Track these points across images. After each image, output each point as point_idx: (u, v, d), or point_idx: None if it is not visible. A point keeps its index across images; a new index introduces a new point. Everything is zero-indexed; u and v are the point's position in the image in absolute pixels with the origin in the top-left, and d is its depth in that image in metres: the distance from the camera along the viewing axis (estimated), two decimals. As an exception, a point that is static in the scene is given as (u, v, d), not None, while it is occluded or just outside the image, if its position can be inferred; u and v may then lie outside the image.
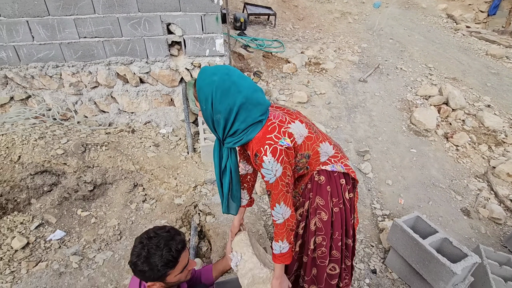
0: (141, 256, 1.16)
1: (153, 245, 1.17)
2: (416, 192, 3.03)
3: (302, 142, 1.22)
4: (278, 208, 1.20)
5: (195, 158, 3.02)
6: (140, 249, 1.17)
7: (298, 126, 1.22)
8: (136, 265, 1.17)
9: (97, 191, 2.74)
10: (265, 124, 1.16)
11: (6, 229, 2.36)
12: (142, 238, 1.21)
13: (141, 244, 1.19)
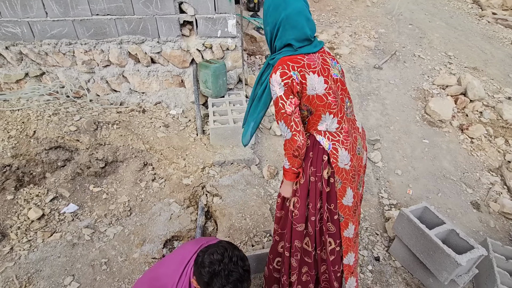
0: (220, 272, 1.09)
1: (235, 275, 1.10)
2: (425, 183, 2.98)
3: (311, 95, 1.28)
4: (280, 125, 1.30)
5: (204, 140, 3.04)
6: (221, 267, 1.10)
7: (317, 81, 1.26)
8: (214, 273, 1.09)
9: (108, 168, 2.81)
10: (295, 55, 1.25)
11: (23, 201, 2.47)
12: (225, 257, 1.11)
13: (221, 263, 1.10)
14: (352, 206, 1.48)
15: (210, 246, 1.18)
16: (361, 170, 1.54)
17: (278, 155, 3.13)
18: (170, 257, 1.43)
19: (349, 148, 1.39)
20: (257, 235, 2.25)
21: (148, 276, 1.39)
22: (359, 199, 1.61)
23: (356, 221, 1.57)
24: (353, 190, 1.45)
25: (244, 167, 2.88)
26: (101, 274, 2.06)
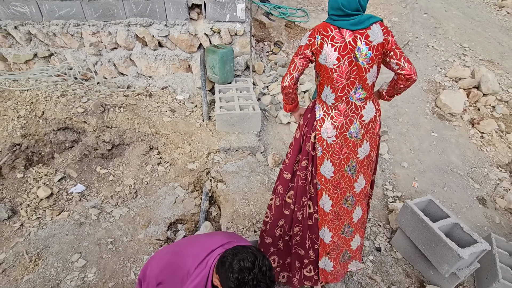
0: (249, 282, 1.09)
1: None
2: (431, 176, 2.95)
3: (321, 64, 1.42)
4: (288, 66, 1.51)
5: (209, 126, 3.04)
6: (251, 276, 1.09)
7: (330, 54, 1.37)
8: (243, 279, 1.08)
9: (115, 151, 2.84)
10: (330, 24, 1.38)
11: (32, 179, 2.53)
12: (255, 268, 1.10)
13: (251, 272, 1.09)
14: (331, 181, 1.60)
15: (239, 250, 1.15)
16: (351, 155, 1.57)
17: (283, 144, 3.12)
18: (196, 240, 1.42)
19: (337, 126, 1.51)
20: (259, 221, 2.27)
21: (171, 249, 1.38)
22: (349, 185, 1.64)
23: (337, 201, 1.65)
24: (334, 166, 1.57)
25: (249, 154, 2.88)
26: (107, 253, 2.12)
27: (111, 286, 1.92)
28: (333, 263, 1.75)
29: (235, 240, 1.38)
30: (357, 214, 1.73)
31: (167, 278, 1.28)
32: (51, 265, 2.00)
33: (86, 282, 1.93)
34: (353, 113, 1.50)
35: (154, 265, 1.34)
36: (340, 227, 1.72)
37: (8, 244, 2.13)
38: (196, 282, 1.21)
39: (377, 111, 1.57)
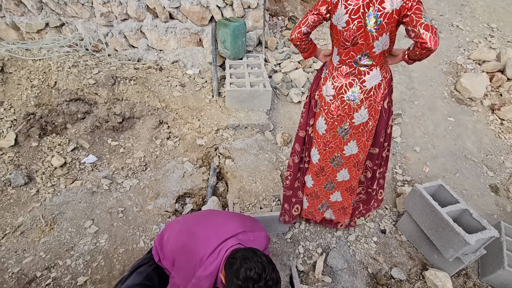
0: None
1: None
2: (444, 162, 2.88)
3: (333, 24, 1.44)
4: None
5: (219, 102, 3.01)
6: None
7: (341, 16, 1.37)
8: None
9: (125, 124, 2.87)
10: None
11: (46, 148, 2.60)
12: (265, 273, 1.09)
13: (256, 284, 1.07)
14: (322, 137, 1.72)
15: (250, 257, 1.11)
16: (345, 118, 1.62)
17: (293, 123, 3.07)
18: (212, 221, 1.40)
19: (336, 87, 1.57)
20: (266, 198, 2.29)
21: (188, 228, 1.38)
22: (338, 146, 1.73)
23: (324, 157, 1.78)
24: (326, 124, 1.67)
25: (257, 132, 2.86)
26: (117, 221, 2.20)
27: (121, 252, 2.01)
28: (308, 204, 2.04)
29: (250, 229, 1.36)
30: (342, 175, 1.84)
31: (181, 262, 1.31)
32: (66, 229, 2.10)
33: (98, 247, 2.02)
34: (354, 77, 1.52)
35: (171, 242, 1.37)
36: (323, 182, 1.90)
37: (26, 208, 2.24)
38: (208, 272, 1.22)
39: (383, 78, 1.52)
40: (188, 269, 1.26)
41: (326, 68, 1.62)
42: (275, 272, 1.12)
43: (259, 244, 1.36)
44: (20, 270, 1.86)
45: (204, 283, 1.22)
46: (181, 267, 1.30)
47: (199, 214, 1.55)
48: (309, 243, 2.16)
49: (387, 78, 1.55)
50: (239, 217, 1.47)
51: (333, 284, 1.96)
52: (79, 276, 1.86)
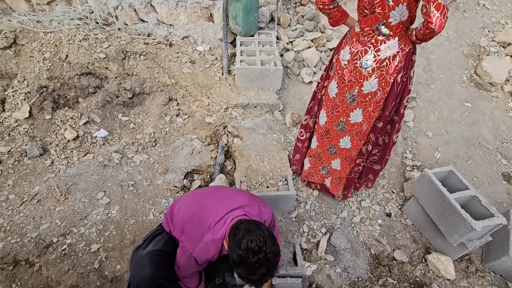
0: (251, 264, 1.12)
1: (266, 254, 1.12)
2: (456, 148, 2.81)
3: None
4: None
5: (229, 80, 2.98)
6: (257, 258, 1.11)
7: None
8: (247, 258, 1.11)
9: (135, 100, 2.89)
10: None
11: (59, 121, 2.66)
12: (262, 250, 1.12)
13: (256, 255, 1.11)
14: (332, 100, 1.78)
15: (252, 229, 1.14)
16: (355, 85, 1.65)
17: (303, 104, 3.03)
18: (221, 194, 1.46)
19: (352, 52, 1.59)
20: (273, 178, 2.31)
21: (198, 200, 1.45)
22: (345, 111, 1.77)
23: (331, 120, 1.86)
24: (338, 88, 1.72)
25: (267, 111, 2.84)
26: (128, 194, 2.27)
27: (132, 223, 2.09)
28: (310, 165, 2.17)
29: (257, 204, 1.40)
30: (344, 142, 1.91)
31: (191, 229, 1.39)
32: (79, 200, 2.19)
33: (110, 218, 2.11)
34: (370, 45, 1.52)
35: (181, 213, 1.45)
36: (326, 144, 2.01)
37: (41, 178, 2.33)
38: (214, 237, 1.28)
39: (400, 51, 1.49)
40: (197, 235, 1.33)
41: (348, 34, 1.66)
42: (276, 246, 1.16)
43: (265, 217, 1.40)
44: (38, 236, 1.97)
45: (211, 247, 1.29)
46: (190, 234, 1.37)
47: (208, 188, 1.60)
48: (314, 222, 2.20)
49: (405, 51, 1.50)
50: (246, 192, 1.52)
51: (335, 262, 2.01)
52: (93, 244, 1.96)
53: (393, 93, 1.62)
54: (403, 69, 1.55)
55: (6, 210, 2.11)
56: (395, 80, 1.57)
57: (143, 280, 1.36)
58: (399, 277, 1.98)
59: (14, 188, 2.25)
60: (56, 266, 1.86)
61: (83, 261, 1.89)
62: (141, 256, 1.43)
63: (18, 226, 2.02)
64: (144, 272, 1.37)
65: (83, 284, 1.82)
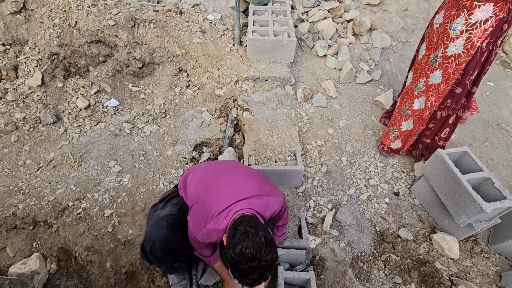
0: (244, 269, 1.11)
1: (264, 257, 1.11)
2: (473, 129, 2.72)
3: None
4: None
5: (240, 52, 2.89)
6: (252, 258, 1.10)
7: None
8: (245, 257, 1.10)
9: (145, 70, 2.86)
10: None
11: (71, 90, 2.67)
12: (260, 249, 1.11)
13: (249, 262, 1.10)
14: (419, 62, 1.91)
15: (251, 234, 1.11)
16: (441, 47, 1.73)
17: (316, 78, 2.94)
18: (231, 178, 1.43)
19: (446, 15, 1.68)
20: (282, 153, 2.31)
21: (207, 180, 1.44)
22: (426, 72, 1.88)
23: (413, 81, 1.99)
24: (426, 50, 1.84)
25: (278, 85, 2.77)
26: (139, 163, 2.32)
27: (143, 191, 2.16)
28: (385, 128, 2.40)
29: (266, 193, 1.36)
30: (419, 103, 2.02)
31: (196, 212, 1.40)
32: (92, 167, 2.26)
33: (122, 185, 2.18)
34: (464, 8, 1.57)
35: (191, 189, 1.47)
36: (403, 104, 2.15)
37: (56, 145, 2.40)
38: (217, 227, 1.29)
39: (494, 16, 1.52)
40: (201, 220, 1.35)
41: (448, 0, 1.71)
42: (272, 254, 1.13)
43: (272, 208, 1.37)
44: (54, 199, 2.07)
45: (213, 234, 1.31)
46: (195, 217, 1.40)
47: (220, 166, 1.56)
48: (320, 198, 2.22)
49: (498, 16, 1.52)
50: (258, 179, 1.45)
51: (339, 237, 2.04)
52: (106, 209, 2.05)
53: (476, 59, 1.67)
54: (492, 36, 1.58)
55: (24, 174, 2.20)
56: (480, 45, 1.61)
57: (158, 240, 1.42)
58: (402, 254, 2.01)
59: (30, 153, 2.33)
60: (73, 228, 1.97)
61: (97, 224, 1.98)
62: (159, 217, 1.49)
63: (36, 190, 2.11)
64: (161, 233, 1.43)
65: (97, 245, 1.92)
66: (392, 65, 3.07)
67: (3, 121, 2.43)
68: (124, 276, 1.88)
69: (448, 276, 1.90)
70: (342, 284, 1.84)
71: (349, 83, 2.96)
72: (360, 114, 2.75)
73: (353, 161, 2.45)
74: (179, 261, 1.62)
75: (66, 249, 1.95)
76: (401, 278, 1.90)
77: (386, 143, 2.37)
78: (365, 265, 1.95)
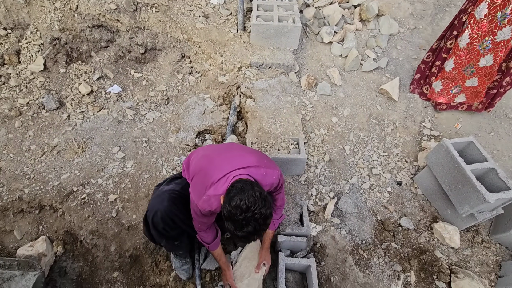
0: (239, 221, 1.15)
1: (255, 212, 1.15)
2: (480, 120, 2.67)
3: None
4: None
5: (243, 38, 2.83)
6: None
7: None
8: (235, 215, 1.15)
9: (147, 55, 2.82)
10: None
11: (73, 75, 2.66)
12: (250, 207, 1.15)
13: (244, 213, 1.14)
14: (479, 22, 2.02)
15: (246, 189, 1.17)
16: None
17: (320, 66, 2.88)
18: (232, 152, 1.49)
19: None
20: (284, 141, 2.30)
21: (209, 155, 1.50)
22: (492, 31, 2.00)
23: (473, 41, 2.10)
24: (488, 9, 1.95)
25: (282, 73, 2.73)
26: (142, 150, 2.33)
27: (146, 178, 2.18)
28: (442, 87, 2.48)
29: (264, 165, 1.41)
30: (485, 61, 2.16)
31: (197, 182, 1.45)
32: (96, 153, 2.27)
33: (125, 171, 2.20)
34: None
35: (194, 164, 1.51)
36: (464, 65, 2.26)
37: (59, 131, 2.41)
38: (216, 192, 1.33)
39: None
40: (201, 188, 1.39)
41: None
42: (266, 208, 1.18)
43: (270, 180, 1.41)
44: (59, 184, 2.09)
45: (213, 201, 1.35)
46: (196, 186, 1.45)
47: (223, 145, 1.65)
48: (323, 187, 2.22)
49: None
50: (257, 153, 1.52)
51: (340, 225, 2.06)
52: (110, 194, 2.07)
53: None
54: None
55: (29, 159, 2.22)
56: None
57: (160, 211, 1.47)
58: (403, 243, 2.02)
59: (34, 139, 2.35)
60: (77, 212, 2.00)
61: (101, 209, 2.02)
62: (162, 191, 1.54)
63: (41, 175, 2.14)
64: (163, 204, 1.48)
65: (102, 230, 1.96)
66: (399, 53, 3.00)
67: (7, 106, 2.44)
68: (128, 260, 1.93)
69: (447, 265, 1.91)
70: (342, 270, 1.87)
71: (355, 71, 2.90)
72: (364, 103, 2.71)
73: (356, 150, 2.44)
74: (180, 240, 1.66)
75: (72, 232, 1.99)
76: (401, 266, 1.92)
77: (444, 100, 2.54)
78: (365, 253, 1.97)
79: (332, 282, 1.83)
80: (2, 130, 2.37)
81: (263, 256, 1.75)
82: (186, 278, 1.81)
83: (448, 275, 1.85)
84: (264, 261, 1.75)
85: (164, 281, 1.85)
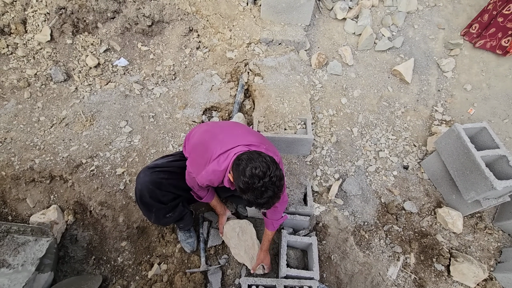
0: (258, 188, 1.16)
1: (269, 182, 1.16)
2: (494, 105, 2.58)
3: None
4: None
5: (254, 12, 2.72)
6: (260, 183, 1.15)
7: None
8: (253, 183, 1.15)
9: (155, 28, 2.75)
10: None
11: (80, 47, 2.62)
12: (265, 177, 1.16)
13: (261, 180, 1.15)
14: None
15: (254, 157, 1.18)
16: None
17: (332, 44, 2.78)
18: (234, 130, 1.49)
19: None
20: (291, 120, 2.27)
21: (212, 130, 1.51)
22: None
23: None
24: None
25: (292, 50, 2.64)
26: (149, 125, 2.34)
27: (152, 152, 2.20)
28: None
29: (265, 146, 1.40)
30: None
31: (196, 155, 1.46)
32: (104, 126, 2.29)
33: (132, 146, 2.22)
34: None
35: (195, 137, 1.53)
36: None
37: (67, 103, 2.42)
38: (216, 168, 1.34)
39: None
40: (201, 161, 1.40)
41: None
42: (279, 170, 1.20)
43: None
44: (68, 156, 2.13)
45: (213, 176, 1.36)
46: (195, 159, 1.46)
47: (227, 122, 1.67)
48: (328, 168, 2.22)
49: None
50: (259, 136, 1.52)
51: (344, 206, 2.08)
52: (117, 167, 2.11)
53: None
54: None
55: (39, 130, 2.25)
56: None
57: (140, 183, 1.51)
58: (405, 226, 2.04)
59: (43, 110, 2.37)
60: (87, 184, 2.05)
61: (110, 182, 2.06)
62: (144, 169, 1.56)
63: (51, 146, 2.18)
64: (143, 179, 1.51)
65: (110, 201, 2.02)
66: (416, 32, 2.86)
67: (15, 76, 2.44)
68: (136, 231, 2.00)
69: (448, 249, 1.94)
70: (343, 250, 1.91)
71: (368, 50, 2.79)
72: (376, 84, 2.63)
73: (364, 133, 2.40)
74: (172, 212, 1.67)
75: (81, 203, 2.06)
76: (401, 247, 1.95)
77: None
78: (367, 234, 2.00)
79: (332, 260, 1.88)
80: (12, 100, 2.39)
81: (262, 258, 1.76)
82: (189, 251, 1.88)
83: (447, 259, 1.88)
84: (262, 262, 1.76)
85: (170, 252, 1.93)
